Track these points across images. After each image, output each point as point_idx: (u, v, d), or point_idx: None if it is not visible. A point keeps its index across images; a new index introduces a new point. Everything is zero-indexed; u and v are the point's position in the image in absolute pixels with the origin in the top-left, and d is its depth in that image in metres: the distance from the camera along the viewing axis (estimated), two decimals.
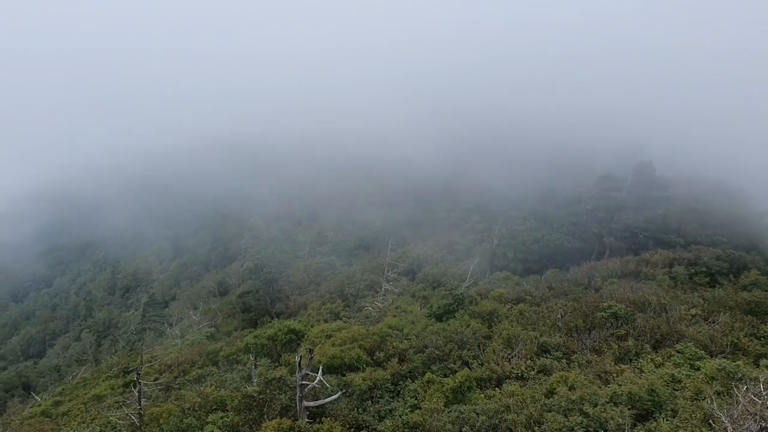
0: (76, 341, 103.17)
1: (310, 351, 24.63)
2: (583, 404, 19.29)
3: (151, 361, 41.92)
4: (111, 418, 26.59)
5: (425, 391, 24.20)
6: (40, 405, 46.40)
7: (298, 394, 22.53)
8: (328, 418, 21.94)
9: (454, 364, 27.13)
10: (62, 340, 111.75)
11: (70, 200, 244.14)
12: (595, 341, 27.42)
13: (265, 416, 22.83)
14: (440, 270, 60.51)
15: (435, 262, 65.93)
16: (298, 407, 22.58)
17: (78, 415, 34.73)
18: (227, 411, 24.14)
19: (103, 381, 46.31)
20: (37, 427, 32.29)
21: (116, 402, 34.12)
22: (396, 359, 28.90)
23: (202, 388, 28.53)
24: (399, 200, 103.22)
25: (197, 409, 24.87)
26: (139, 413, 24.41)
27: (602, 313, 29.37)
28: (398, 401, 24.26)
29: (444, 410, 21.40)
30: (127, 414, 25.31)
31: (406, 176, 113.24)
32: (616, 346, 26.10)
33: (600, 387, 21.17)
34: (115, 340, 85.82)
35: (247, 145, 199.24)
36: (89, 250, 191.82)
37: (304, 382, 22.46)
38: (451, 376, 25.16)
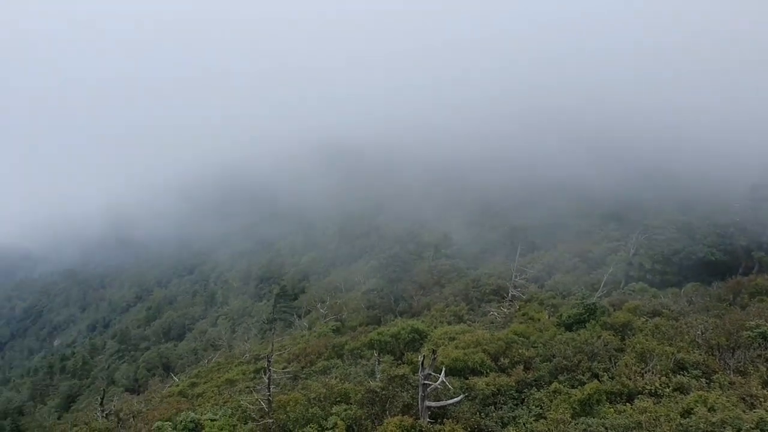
0: (212, 327, 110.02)
1: (434, 352, 24.67)
2: (724, 428, 17.89)
3: (280, 350, 43.77)
4: (242, 402, 28.02)
5: (551, 401, 23.51)
6: (177, 385, 49.83)
7: (420, 393, 22.63)
8: (450, 420, 21.86)
9: (583, 375, 26.09)
10: (200, 325, 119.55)
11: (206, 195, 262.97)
12: (739, 362, 25.32)
13: (387, 412, 23.13)
14: (571, 278, 58.59)
15: (566, 270, 63.89)
16: (419, 406, 22.69)
17: (212, 397, 36.94)
18: (350, 404, 24.70)
19: (235, 366, 48.97)
20: (175, 406, 34.60)
21: (247, 387, 35.94)
22: (521, 366, 28.28)
23: (327, 380, 29.41)
24: (527, 205, 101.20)
25: (322, 399, 25.65)
26: (268, 399, 25.52)
27: (749, 333, 27.05)
28: (522, 409, 23.74)
29: (570, 422, 20.66)
30: (257, 399, 26.53)
31: (536, 180, 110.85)
32: (765, 369, 23.96)
33: (744, 411, 19.51)
34: (248, 328, 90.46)
35: (365, 150, 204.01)
36: (229, 240, 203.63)
37: (426, 382, 22.52)
38: (579, 387, 24.26)
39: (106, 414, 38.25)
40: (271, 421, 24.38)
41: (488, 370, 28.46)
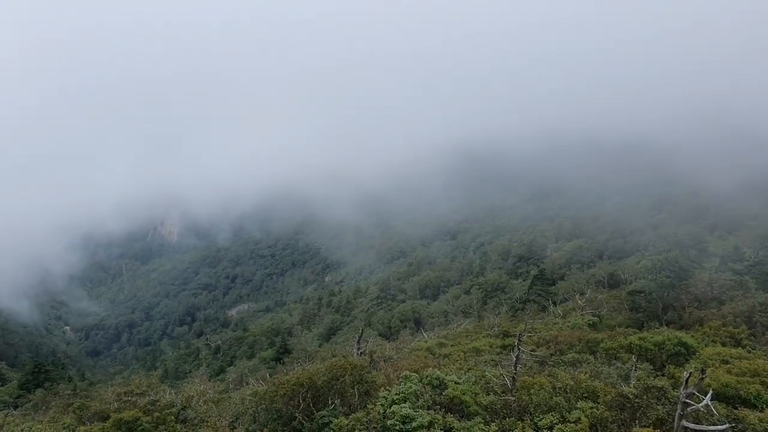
0: (465, 294, 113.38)
1: (702, 371, 22.60)
2: None
3: (531, 332, 43.71)
4: (486, 373, 28.71)
5: None
6: (426, 342, 52.55)
7: (678, 411, 21.03)
8: None
9: None
10: (454, 289, 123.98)
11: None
12: None
13: (637, 422, 21.95)
14: None
15: None
16: (675, 424, 21.11)
17: (457, 360, 38.38)
18: (597, 403, 23.90)
19: (483, 337, 50.14)
20: (422, 360, 36.61)
21: (492, 360, 36.66)
22: None
23: (576, 373, 28.73)
24: None
25: (568, 391, 25.18)
26: (513, 377, 25.81)
27: None
28: None
29: None
30: (501, 374, 26.96)
31: None
32: None
33: None
34: (499, 303, 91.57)
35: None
36: (494, 213, 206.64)
37: (687, 401, 20.83)
38: None
39: (361, 352, 41.86)
40: (512, 398, 24.67)
41: (765, 405, 25.33)
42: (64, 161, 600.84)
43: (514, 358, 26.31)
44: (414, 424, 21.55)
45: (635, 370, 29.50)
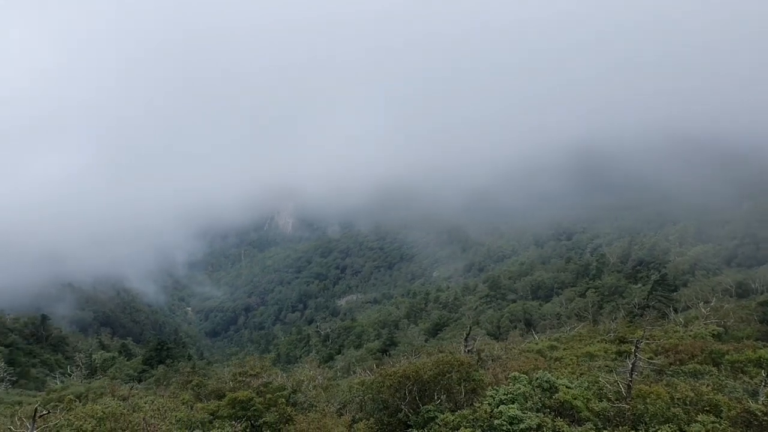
0: (580, 297, 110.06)
1: None
2: None
3: (649, 340, 41.89)
4: (600, 379, 27.86)
5: None
6: (537, 344, 51.59)
7: None
8: None
9: None
10: (568, 292, 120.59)
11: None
12: None
13: None
14: None
15: None
16: None
17: (569, 364, 37.43)
18: (720, 417, 22.62)
19: (597, 342, 48.56)
20: (533, 362, 36.03)
21: (606, 366, 35.44)
22: None
23: (697, 384, 27.30)
24: None
25: (687, 403, 23.99)
26: (628, 384, 24.89)
27: None
28: None
29: None
30: (616, 381, 26.08)
31: None
32: None
33: None
34: (616, 308, 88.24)
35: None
36: (612, 213, 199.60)
37: None
38: None
39: (469, 350, 41.79)
40: (627, 407, 23.82)
41: None
42: (186, 156, 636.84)
43: (630, 365, 25.34)
44: (522, 425, 21.32)
45: (765, 386, 27.62)
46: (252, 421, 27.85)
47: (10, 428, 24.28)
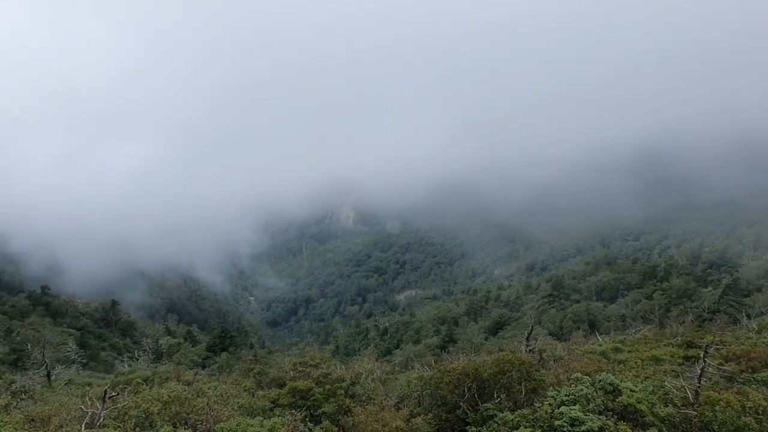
0: (646, 299, 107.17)
1: None
2: None
3: (718, 345, 40.45)
4: (666, 384, 27.10)
5: None
6: (600, 345, 50.52)
7: None
8: None
9: None
10: (634, 293, 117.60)
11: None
12: None
13: None
14: None
15: None
16: None
17: (634, 367, 36.45)
18: None
19: (663, 346, 47.19)
20: (596, 364, 35.24)
21: (672, 370, 34.43)
22: None
23: None
24: None
25: (760, 412, 23.07)
26: (696, 390, 24.12)
27: None
28: None
29: None
30: (683, 386, 25.32)
31: None
32: None
33: None
34: (684, 311, 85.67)
35: None
36: (682, 215, 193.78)
37: None
38: None
39: (530, 349, 41.25)
40: (694, 413, 23.10)
41: None
42: (252, 150, 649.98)
43: (699, 371, 24.56)
44: (583, 427, 20.96)
45: None
46: (311, 411, 28.27)
47: (81, 407, 25.33)
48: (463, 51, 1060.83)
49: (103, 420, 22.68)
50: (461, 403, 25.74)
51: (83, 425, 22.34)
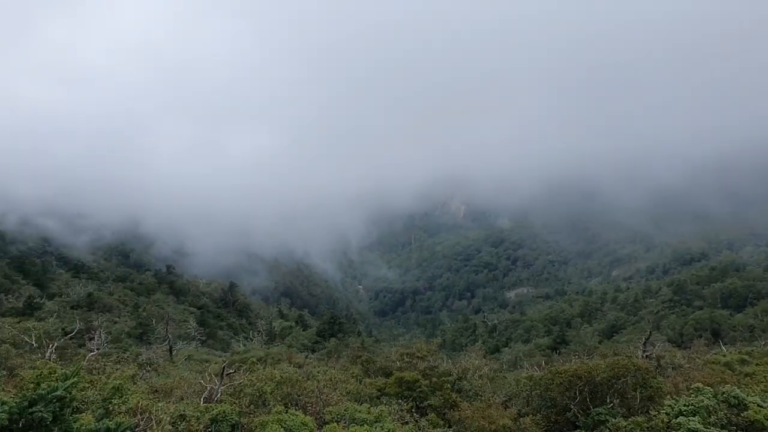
0: None
1: None
2: None
3: None
4: None
5: None
6: (725, 355, 47.55)
7: None
8: None
9: None
10: (765, 303, 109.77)
11: None
12: None
13: None
14: None
15: None
16: None
17: (762, 382, 34.18)
18: None
19: None
20: (719, 375, 33.34)
21: None
22: None
23: None
24: None
25: None
26: None
27: None
28: None
29: None
30: None
31: None
32: None
33: None
34: None
35: None
36: None
37: None
38: None
39: (647, 355, 39.56)
40: None
41: None
42: (363, 145, 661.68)
43: None
44: None
45: None
46: (417, 402, 28.49)
47: (200, 382, 26.81)
48: (578, 43, 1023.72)
49: (220, 395, 23.91)
50: (572, 406, 25.10)
51: (202, 399, 23.65)
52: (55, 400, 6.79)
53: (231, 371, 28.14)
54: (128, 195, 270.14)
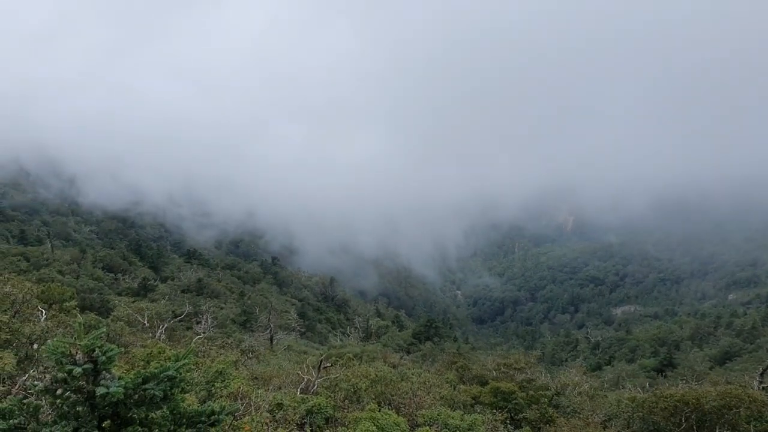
0: None
1: None
2: None
3: None
4: None
5: None
6: None
7: None
8: None
9: None
10: None
11: None
12: None
13: None
14: None
15: None
16: None
17: None
18: None
19: None
20: None
21: None
22: None
23: None
24: None
25: None
26: None
27: None
28: None
29: None
30: None
31: None
32: None
33: None
34: None
35: None
36: None
37: None
38: None
39: (764, 387, 37.09)
40: None
41: None
42: (469, 152, 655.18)
43: None
44: None
45: None
46: (512, 414, 28.03)
47: (298, 373, 27.58)
48: (695, 48, 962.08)
49: (317, 388, 24.50)
50: None
51: (298, 389, 24.32)
52: (166, 380, 7.17)
53: (328, 365, 28.79)
54: (245, 193, 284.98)
